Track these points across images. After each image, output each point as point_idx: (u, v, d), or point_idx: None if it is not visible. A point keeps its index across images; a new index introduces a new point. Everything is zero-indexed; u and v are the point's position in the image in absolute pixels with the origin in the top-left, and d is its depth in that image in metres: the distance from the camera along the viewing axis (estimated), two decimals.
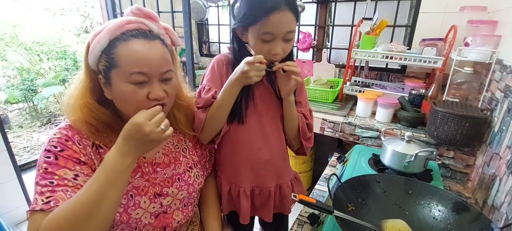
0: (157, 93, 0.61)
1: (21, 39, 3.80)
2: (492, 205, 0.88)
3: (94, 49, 0.59)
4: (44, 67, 3.94)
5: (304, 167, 1.96)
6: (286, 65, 0.72)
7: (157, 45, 0.62)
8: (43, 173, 0.56)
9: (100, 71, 0.61)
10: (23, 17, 4.04)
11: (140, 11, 0.63)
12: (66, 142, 0.60)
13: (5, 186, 1.71)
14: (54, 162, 0.57)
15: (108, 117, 0.65)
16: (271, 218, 0.91)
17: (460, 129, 1.03)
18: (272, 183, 0.89)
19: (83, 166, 0.60)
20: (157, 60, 0.60)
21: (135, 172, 0.69)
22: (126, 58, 0.58)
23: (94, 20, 4.55)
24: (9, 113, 3.71)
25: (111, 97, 0.62)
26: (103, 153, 0.64)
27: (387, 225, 0.63)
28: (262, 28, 0.68)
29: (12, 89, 3.65)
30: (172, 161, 0.76)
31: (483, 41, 1.12)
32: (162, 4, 1.98)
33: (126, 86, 0.59)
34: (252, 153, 0.84)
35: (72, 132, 0.62)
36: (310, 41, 1.96)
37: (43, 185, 0.55)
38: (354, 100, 1.63)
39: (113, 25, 0.59)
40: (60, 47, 4.13)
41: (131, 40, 0.59)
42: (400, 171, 0.87)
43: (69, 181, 0.57)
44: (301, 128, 0.86)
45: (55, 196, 0.54)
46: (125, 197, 0.65)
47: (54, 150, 0.58)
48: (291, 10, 0.68)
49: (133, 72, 0.58)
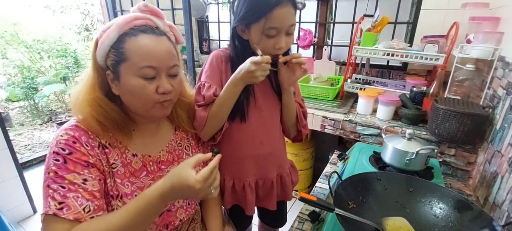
0: (166, 87, 0.63)
1: (21, 37, 3.80)
2: (494, 202, 0.88)
3: (103, 44, 0.60)
4: (44, 65, 3.94)
5: (304, 164, 1.96)
6: (293, 57, 0.74)
7: (164, 41, 0.64)
8: (54, 176, 0.57)
9: (108, 66, 0.62)
10: (24, 15, 4.04)
11: (147, 8, 0.64)
12: (74, 143, 0.59)
13: (6, 184, 1.72)
14: (63, 166, 0.57)
15: (117, 113, 0.65)
16: (275, 206, 0.94)
17: (461, 126, 1.03)
18: (274, 173, 0.92)
19: (91, 169, 0.60)
20: (165, 54, 0.62)
21: (140, 171, 0.69)
22: (136, 52, 0.59)
23: (94, 18, 4.54)
24: (10, 111, 3.72)
25: (118, 92, 0.63)
26: (109, 153, 0.64)
27: (388, 222, 0.63)
28: (267, 24, 0.69)
29: (13, 88, 3.65)
30: (175, 158, 0.77)
31: (485, 38, 1.11)
32: (162, 1, 1.97)
33: (136, 80, 0.60)
34: (255, 147, 0.86)
35: (79, 132, 0.61)
36: (311, 39, 1.95)
37: (55, 189, 0.56)
38: (355, 98, 1.62)
39: (122, 20, 0.61)
40: (60, 45, 4.13)
41: (140, 35, 0.60)
42: (401, 169, 0.87)
43: (79, 186, 0.57)
44: (298, 116, 0.90)
45: (67, 202, 0.55)
46: (130, 197, 0.66)
47: (62, 153, 0.58)
48: (292, 4, 0.70)
49: (143, 66, 0.60)
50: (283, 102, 0.86)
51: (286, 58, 0.74)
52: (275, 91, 0.85)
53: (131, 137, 0.69)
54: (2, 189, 1.71)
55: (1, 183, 1.70)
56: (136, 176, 0.68)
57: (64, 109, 3.92)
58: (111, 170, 0.64)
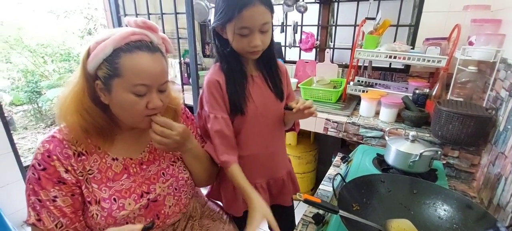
0: (156, 103, 0.65)
1: (25, 42, 3.83)
2: (498, 204, 0.88)
3: (97, 56, 0.60)
4: (48, 69, 3.97)
5: (307, 167, 1.96)
6: (303, 106, 0.77)
7: (158, 58, 0.65)
8: (32, 188, 0.61)
9: (98, 77, 0.62)
10: (27, 20, 4.08)
11: (144, 24, 0.65)
12: (47, 158, 0.62)
13: (11, 187, 1.73)
14: (37, 182, 0.61)
15: (104, 120, 0.66)
16: (290, 202, 0.99)
17: (464, 128, 1.03)
18: (283, 171, 0.95)
19: (62, 186, 0.63)
20: (158, 73, 0.64)
21: (120, 174, 0.69)
22: (131, 70, 0.60)
23: (98, 22, 4.57)
24: (14, 115, 3.74)
25: (107, 102, 0.64)
26: (85, 159, 0.66)
27: (392, 224, 0.63)
28: (237, 24, 0.72)
29: (17, 92, 3.68)
30: (157, 157, 0.77)
31: (487, 40, 1.12)
32: (166, 5, 1.99)
33: (128, 95, 0.62)
34: (261, 151, 0.88)
35: (54, 143, 0.63)
36: (313, 41, 1.96)
37: (33, 201, 0.61)
38: (357, 100, 1.63)
39: (118, 35, 0.61)
40: (64, 49, 4.17)
41: (135, 52, 0.61)
42: (404, 171, 0.87)
43: (50, 202, 0.62)
44: None
45: (41, 217, 0.61)
46: (108, 202, 0.66)
47: (38, 168, 0.61)
48: (263, 3, 0.71)
49: (136, 84, 0.61)
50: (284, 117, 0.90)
51: (298, 108, 0.77)
52: (273, 92, 0.87)
53: (113, 142, 0.70)
54: (6, 192, 1.71)
55: (5, 186, 1.70)
56: (115, 180, 0.68)
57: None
58: (87, 176, 0.65)
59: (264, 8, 0.71)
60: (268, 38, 0.78)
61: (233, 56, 0.78)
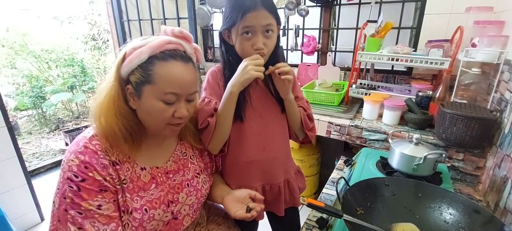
0: (182, 112, 0.66)
1: (30, 48, 3.89)
2: (505, 207, 0.87)
3: (132, 62, 0.61)
4: (52, 75, 4.02)
5: (310, 170, 1.95)
6: (276, 68, 0.77)
7: (191, 68, 0.67)
8: (71, 202, 0.59)
9: (130, 82, 0.63)
10: (32, 26, 4.15)
11: (181, 34, 0.67)
12: (85, 169, 0.60)
13: (15, 192, 1.74)
14: (78, 193, 0.59)
15: (136, 125, 0.67)
16: (283, 212, 0.94)
17: (469, 130, 1.02)
18: (280, 178, 0.92)
19: (105, 193, 0.62)
20: (189, 82, 0.66)
21: (149, 184, 0.70)
22: (165, 78, 0.62)
23: (101, 27, 4.63)
24: (18, 120, 3.78)
25: (135, 107, 0.65)
26: (119, 169, 0.65)
27: (397, 229, 0.62)
28: (241, 25, 0.73)
29: (21, 97, 3.72)
30: (181, 167, 0.78)
31: (491, 42, 1.11)
32: (168, 10, 2.01)
33: (157, 103, 0.63)
34: (258, 153, 0.87)
35: (89, 154, 0.61)
36: (315, 45, 1.96)
37: (73, 215, 0.59)
38: (360, 103, 1.62)
39: (155, 43, 0.62)
40: (68, 55, 4.22)
41: (170, 61, 0.62)
42: (409, 174, 0.86)
43: (95, 211, 0.60)
44: (303, 121, 0.90)
45: (84, 228, 0.60)
46: (140, 212, 0.66)
47: (75, 180, 0.59)
48: (267, 9, 0.73)
49: (167, 92, 0.62)
50: (286, 110, 0.88)
51: (271, 69, 0.77)
52: (275, 97, 0.87)
53: (139, 149, 0.69)
54: (11, 197, 1.72)
55: (10, 191, 1.71)
56: (145, 189, 0.69)
57: (72, 118, 3.97)
58: (122, 186, 0.65)
59: (267, 13, 0.73)
60: (272, 42, 0.78)
61: (238, 63, 0.78)
